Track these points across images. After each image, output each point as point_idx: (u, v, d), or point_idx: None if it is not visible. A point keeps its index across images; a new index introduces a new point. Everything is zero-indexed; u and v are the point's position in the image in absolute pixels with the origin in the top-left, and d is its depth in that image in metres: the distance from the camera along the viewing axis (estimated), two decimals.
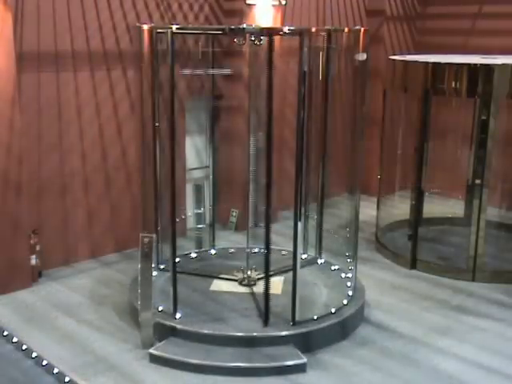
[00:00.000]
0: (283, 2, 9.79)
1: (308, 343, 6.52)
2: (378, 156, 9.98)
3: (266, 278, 6.52)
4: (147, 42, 6.64)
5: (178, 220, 6.78)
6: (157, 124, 7.26)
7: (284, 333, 6.45)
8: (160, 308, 6.75)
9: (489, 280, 8.44)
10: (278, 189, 8.69)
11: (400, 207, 10.04)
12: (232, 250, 8.63)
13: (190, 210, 9.38)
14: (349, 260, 7.72)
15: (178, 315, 6.66)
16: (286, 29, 6.69)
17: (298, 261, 6.50)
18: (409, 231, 9.22)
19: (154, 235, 6.54)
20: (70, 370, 6.05)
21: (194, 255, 8.47)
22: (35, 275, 8.05)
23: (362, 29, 6.86)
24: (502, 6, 11.17)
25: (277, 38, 9.65)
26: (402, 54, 11.47)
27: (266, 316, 6.57)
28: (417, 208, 9.13)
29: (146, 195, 7.67)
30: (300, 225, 6.51)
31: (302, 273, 6.62)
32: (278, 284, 7.47)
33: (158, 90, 7.28)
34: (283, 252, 8.35)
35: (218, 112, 9.68)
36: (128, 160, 9.02)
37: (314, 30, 6.55)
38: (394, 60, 9.19)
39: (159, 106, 7.23)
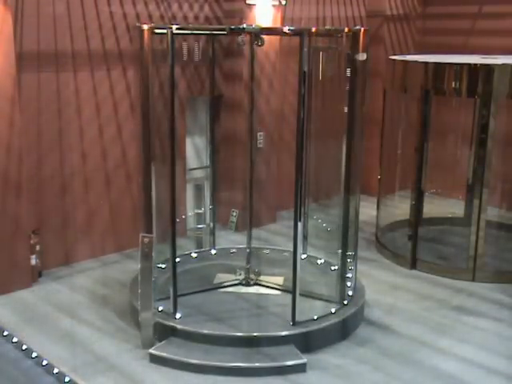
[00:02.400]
0: (283, 2, 9.78)
1: (308, 343, 6.51)
2: (378, 156, 9.97)
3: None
4: (147, 41, 6.63)
5: (178, 220, 6.78)
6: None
7: (284, 333, 6.44)
8: (160, 308, 6.75)
9: (489, 280, 8.44)
10: (277, 189, 8.75)
11: (400, 207, 10.02)
12: (233, 250, 8.62)
13: (190, 210, 9.38)
14: (349, 260, 7.71)
15: (178, 315, 6.66)
16: (285, 29, 6.69)
17: (299, 261, 6.50)
18: (409, 231, 9.20)
19: (154, 235, 6.53)
20: (70, 370, 6.03)
21: (194, 255, 8.48)
22: (35, 275, 8.05)
23: (362, 29, 6.86)
24: (502, 5, 11.16)
25: (277, 38, 9.67)
26: (402, 54, 11.47)
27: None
28: (417, 208, 9.12)
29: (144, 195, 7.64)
30: (300, 225, 6.50)
31: (301, 272, 6.61)
32: (277, 284, 7.48)
33: (159, 89, 7.26)
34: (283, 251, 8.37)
35: (218, 112, 9.69)
36: (128, 160, 9.02)
37: (313, 29, 6.53)
38: (394, 60, 9.18)
39: (155, 105, 7.19)
